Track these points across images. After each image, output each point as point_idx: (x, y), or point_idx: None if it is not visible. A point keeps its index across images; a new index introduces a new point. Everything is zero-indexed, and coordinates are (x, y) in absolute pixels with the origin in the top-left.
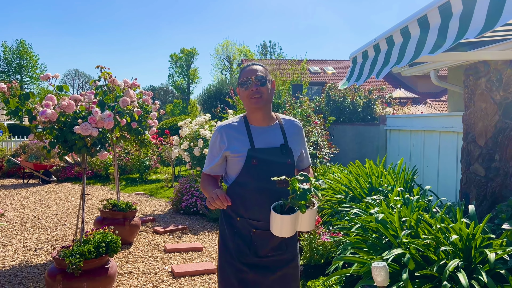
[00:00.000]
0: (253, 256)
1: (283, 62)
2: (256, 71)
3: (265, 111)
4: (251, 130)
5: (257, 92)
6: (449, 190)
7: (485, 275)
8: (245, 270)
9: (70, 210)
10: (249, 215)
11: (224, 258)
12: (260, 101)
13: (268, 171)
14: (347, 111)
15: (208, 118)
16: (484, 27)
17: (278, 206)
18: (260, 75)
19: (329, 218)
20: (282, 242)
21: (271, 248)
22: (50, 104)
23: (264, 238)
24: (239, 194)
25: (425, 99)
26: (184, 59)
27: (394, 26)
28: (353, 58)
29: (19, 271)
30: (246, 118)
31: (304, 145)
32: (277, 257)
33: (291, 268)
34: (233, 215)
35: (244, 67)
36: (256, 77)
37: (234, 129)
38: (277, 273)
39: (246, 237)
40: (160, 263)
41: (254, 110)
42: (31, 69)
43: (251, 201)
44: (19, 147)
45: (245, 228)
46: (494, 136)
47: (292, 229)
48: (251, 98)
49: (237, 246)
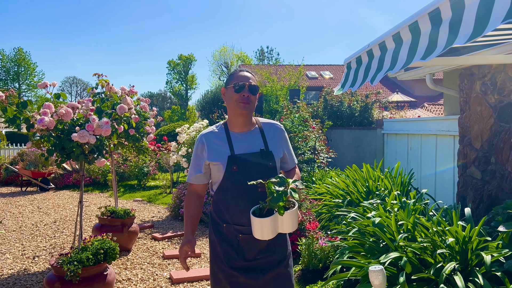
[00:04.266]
0: (242, 260)
1: (280, 67)
2: (249, 78)
3: (248, 117)
4: (231, 136)
5: (248, 98)
6: (447, 193)
7: (481, 277)
8: (235, 275)
9: (69, 217)
10: (234, 221)
11: (215, 264)
12: (248, 107)
13: (249, 177)
14: (345, 115)
15: (206, 123)
16: (473, 33)
17: (257, 210)
18: (253, 84)
19: (327, 223)
20: (270, 244)
21: (258, 251)
22: (48, 112)
23: (251, 242)
24: (223, 201)
25: (422, 103)
26: (182, 65)
27: (386, 32)
28: (348, 64)
29: (18, 279)
30: (226, 125)
31: (287, 147)
32: (266, 258)
33: (283, 267)
34: (219, 221)
35: (236, 71)
36: (250, 85)
37: (214, 137)
38: (269, 274)
39: (233, 242)
40: (159, 270)
41: (239, 115)
42: (29, 76)
43: (234, 207)
44: (17, 155)
45: (231, 233)
46: (490, 139)
47: (273, 231)
48: (240, 102)
49: (225, 251)
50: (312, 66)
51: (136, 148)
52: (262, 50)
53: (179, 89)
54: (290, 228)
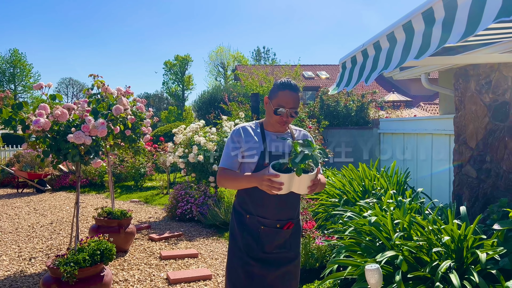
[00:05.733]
0: (260, 251)
1: (276, 67)
2: (296, 103)
3: (284, 128)
4: (265, 135)
5: (287, 121)
6: (442, 192)
7: (476, 275)
8: (252, 264)
9: (65, 219)
10: (258, 213)
11: (233, 252)
12: (285, 127)
13: None
14: (341, 115)
15: (202, 124)
16: (466, 32)
17: (277, 164)
18: (295, 109)
19: (323, 222)
20: (287, 241)
21: (276, 245)
22: (43, 113)
23: (271, 235)
24: (249, 193)
25: (418, 102)
26: (178, 66)
27: (381, 31)
28: (343, 64)
29: (14, 281)
30: (262, 124)
31: None
32: (281, 254)
33: (293, 266)
34: (243, 212)
35: (286, 85)
36: (291, 112)
37: (252, 130)
38: (281, 269)
39: (254, 233)
40: (156, 270)
41: (276, 127)
42: (25, 78)
43: (260, 200)
44: (13, 157)
45: (253, 225)
46: (485, 138)
47: (286, 188)
48: (278, 123)
49: (245, 241)
50: (308, 66)
51: (133, 149)
52: (259, 50)
53: (175, 90)
54: (303, 190)
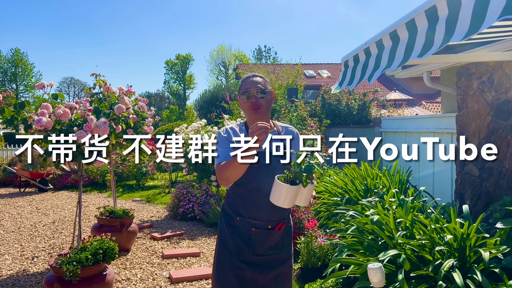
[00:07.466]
0: (252, 254)
1: (278, 66)
2: (256, 83)
3: (264, 120)
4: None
5: (257, 104)
6: (445, 190)
7: (479, 274)
8: (243, 267)
9: (67, 218)
10: (248, 215)
11: (223, 256)
12: (259, 112)
13: (268, 173)
14: (342, 114)
15: (204, 123)
16: (469, 30)
17: (281, 177)
18: (260, 87)
19: (325, 221)
20: (279, 242)
21: (268, 247)
22: (46, 112)
23: (263, 237)
24: (239, 195)
25: (420, 101)
26: (179, 65)
27: (383, 29)
28: (345, 62)
29: (17, 280)
30: (246, 123)
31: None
32: (273, 256)
33: (285, 267)
34: (232, 214)
35: (245, 78)
36: (256, 89)
37: (237, 128)
38: (273, 272)
39: (245, 236)
40: (158, 269)
41: (254, 119)
42: (27, 77)
43: (251, 201)
44: (15, 156)
45: (244, 227)
46: (487, 137)
47: (292, 201)
48: (251, 109)
49: (236, 244)
50: (310, 65)
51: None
52: (260, 49)
53: (177, 89)
54: (306, 202)
